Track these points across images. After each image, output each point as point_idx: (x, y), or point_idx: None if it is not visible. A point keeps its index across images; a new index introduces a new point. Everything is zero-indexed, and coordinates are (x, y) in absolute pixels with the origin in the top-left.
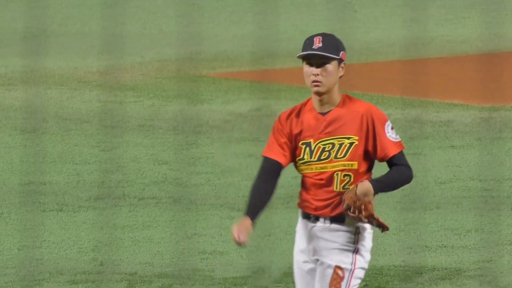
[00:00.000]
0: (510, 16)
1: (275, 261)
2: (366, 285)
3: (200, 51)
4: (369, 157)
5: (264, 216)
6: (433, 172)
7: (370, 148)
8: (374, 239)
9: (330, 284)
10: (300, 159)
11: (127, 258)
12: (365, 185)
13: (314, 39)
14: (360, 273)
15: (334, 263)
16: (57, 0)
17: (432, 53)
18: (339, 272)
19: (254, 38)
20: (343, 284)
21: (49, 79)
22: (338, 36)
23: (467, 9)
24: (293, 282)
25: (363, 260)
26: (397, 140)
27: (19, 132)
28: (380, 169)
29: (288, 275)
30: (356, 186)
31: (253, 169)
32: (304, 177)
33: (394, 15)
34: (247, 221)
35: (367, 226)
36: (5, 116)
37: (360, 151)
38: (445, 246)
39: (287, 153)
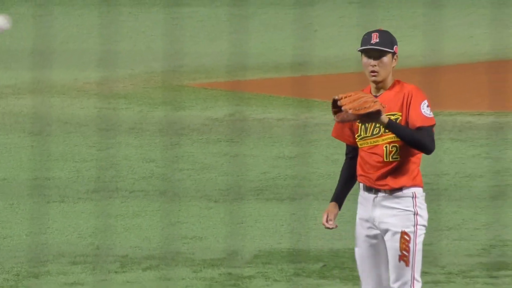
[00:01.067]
0: (446, 35)
1: (247, 245)
2: (324, 265)
3: (182, 64)
4: None
5: (236, 207)
6: None
7: (408, 119)
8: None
9: (401, 248)
10: (358, 135)
11: (120, 242)
12: (377, 109)
13: (372, 34)
14: (422, 231)
15: (400, 229)
16: (59, 21)
17: None
18: (406, 236)
19: (228, 54)
20: (411, 245)
21: (52, 89)
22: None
23: (411, 29)
24: (268, 263)
25: (423, 219)
26: (429, 116)
27: (27, 134)
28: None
29: (257, 257)
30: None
31: (228, 166)
32: (360, 151)
33: (349, 34)
34: (333, 206)
35: (421, 190)
36: (15, 120)
37: (404, 124)
38: None
39: (351, 134)
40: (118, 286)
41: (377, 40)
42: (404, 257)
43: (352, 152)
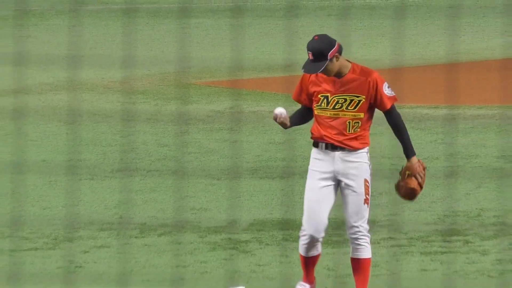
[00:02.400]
0: (408, 42)
1: (244, 215)
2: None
3: (190, 66)
4: (372, 109)
5: (235, 184)
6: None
7: (374, 103)
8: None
9: (365, 193)
10: (318, 105)
11: (139, 213)
12: (413, 162)
13: (308, 53)
14: (371, 179)
15: (362, 178)
16: (89, 30)
17: None
18: (367, 183)
19: (228, 57)
20: (370, 190)
21: (83, 86)
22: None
23: (379, 37)
24: (261, 230)
25: (371, 169)
26: (392, 95)
27: (63, 124)
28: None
29: (252, 225)
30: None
31: (228, 150)
32: (319, 118)
33: None
34: (288, 120)
35: (368, 146)
36: (53, 112)
37: (366, 106)
38: None
39: (308, 100)
40: (138, 249)
41: (312, 58)
42: (367, 200)
43: (306, 109)
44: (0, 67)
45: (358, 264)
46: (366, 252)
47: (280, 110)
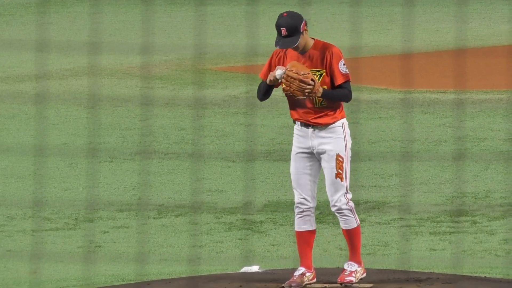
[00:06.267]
0: (417, 29)
1: (258, 196)
2: (320, 212)
3: (206, 52)
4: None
5: (250, 166)
6: (366, 135)
7: (330, 76)
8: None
9: (336, 167)
10: None
11: (157, 194)
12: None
13: (281, 29)
14: (349, 153)
15: (334, 153)
16: (108, 18)
17: (366, 54)
18: (339, 158)
19: (243, 43)
20: (344, 165)
21: (103, 72)
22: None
23: (389, 23)
24: (275, 211)
25: (349, 143)
26: (345, 73)
27: (83, 108)
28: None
29: (267, 206)
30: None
31: (243, 133)
32: (289, 99)
33: (340, 28)
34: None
35: (345, 120)
36: (74, 97)
37: (328, 78)
38: (375, 186)
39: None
40: (156, 229)
41: (286, 33)
42: (339, 175)
43: (269, 87)
44: (22, 53)
45: (345, 234)
46: (349, 222)
47: (279, 73)
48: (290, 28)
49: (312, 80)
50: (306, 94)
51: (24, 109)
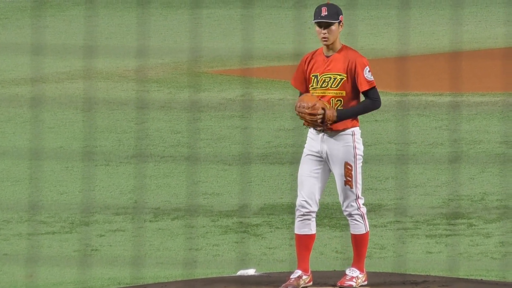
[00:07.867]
0: (413, 31)
1: (254, 200)
2: (316, 215)
3: (202, 55)
4: (356, 88)
5: (246, 169)
6: (362, 138)
7: (355, 83)
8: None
9: (345, 175)
10: (310, 85)
11: (153, 197)
12: (330, 112)
13: (322, 8)
14: (360, 160)
15: (343, 161)
16: (104, 21)
17: None
18: (348, 166)
19: (239, 46)
20: (353, 173)
21: (99, 75)
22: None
23: (386, 26)
24: (272, 214)
25: (360, 151)
26: (370, 80)
27: (79, 111)
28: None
29: (263, 209)
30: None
31: (239, 136)
32: None
33: None
34: None
35: (358, 128)
36: (69, 100)
37: (348, 84)
38: (371, 189)
39: (304, 83)
40: (152, 232)
41: (326, 13)
42: (348, 182)
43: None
44: (18, 57)
45: (352, 239)
46: (357, 228)
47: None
48: (331, 10)
49: (322, 109)
50: (319, 124)
51: (20, 112)
